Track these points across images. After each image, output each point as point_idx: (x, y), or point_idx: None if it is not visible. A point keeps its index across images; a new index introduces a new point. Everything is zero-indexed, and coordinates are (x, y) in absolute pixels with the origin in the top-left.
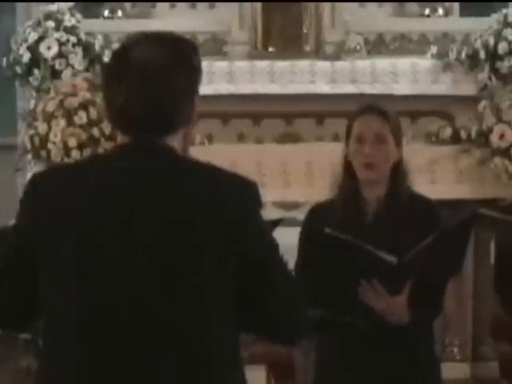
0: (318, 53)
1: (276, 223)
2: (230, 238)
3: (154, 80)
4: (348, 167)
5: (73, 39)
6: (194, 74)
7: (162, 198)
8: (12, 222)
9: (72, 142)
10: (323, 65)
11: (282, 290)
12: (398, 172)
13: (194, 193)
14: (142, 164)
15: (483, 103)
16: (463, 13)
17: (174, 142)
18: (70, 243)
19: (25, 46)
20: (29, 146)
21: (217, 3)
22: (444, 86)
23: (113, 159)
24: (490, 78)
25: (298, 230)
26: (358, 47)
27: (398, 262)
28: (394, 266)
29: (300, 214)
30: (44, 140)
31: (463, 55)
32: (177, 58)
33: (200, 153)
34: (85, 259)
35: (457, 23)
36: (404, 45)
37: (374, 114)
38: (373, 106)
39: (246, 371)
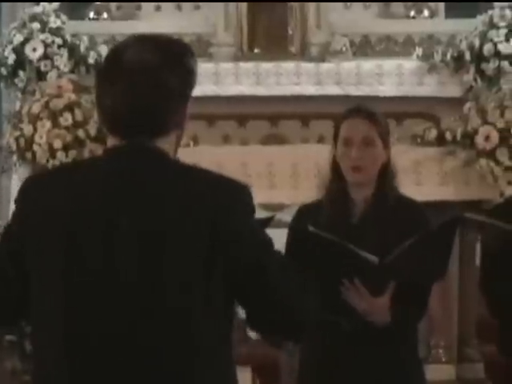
0: (304, 54)
1: (266, 222)
2: (223, 244)
3: (144, 82)
4: (336, 168)
5: (58, 41)
6: (187, 77)
7: (150, 203)
8: None
9: (57, 144)
10: (308, 66)
11: (282, 287)
12: (386, 174)
13: (183, 197)
14: (131, 167)
15: (468, 105)
16: (449, 14)
17: (166, 144)
18: (57, 247)
19: (10, 47)
20: (14, 147)
21: (202, 5)
22: (429, 87)
23: (102, 162)
24: (475, 80)
25: (283, 231)
26: (344, 49)
27: (379, 261)
28: (376, 266)
29: (286, 216)
30: (29, 141)
31: (448, 57)
32: (169, 61)
33: (185, 154)
34: (71, 264)
35: (442, 25)
36: (389, 46)
37: (361, 117)
38: (360, 109)
39: None
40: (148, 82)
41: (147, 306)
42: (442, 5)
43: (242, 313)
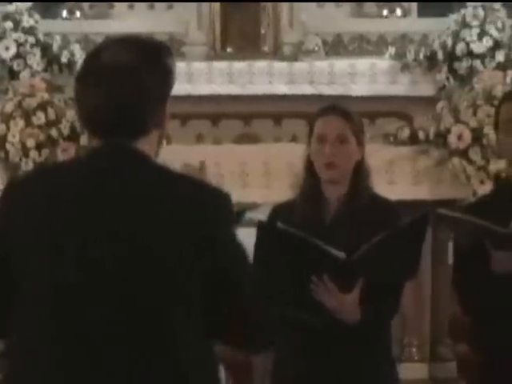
0: (276, 53)
1: (240, 214)
2: (202, 250)
3: (123, 82)
4: (310, 167)
5: (31, 40)
6: (166, 76)
7: (129, 204)
8: None
9: (30, 143)
10: (281, 65)
11: (250, 302)
12: (360, 172)
13: (164, 201)
14: (110, 168)
15: (441, 104)
16: (421, 13)
17: (146, 145)
18: (40, 249)
19: None
20: None
21: (175, 4)
22: (402, 86)
23: (82, 164)
24: (447, 79)
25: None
26: (316, 48)
27: (347, 257)
28: (344, 262)
29: (258, 215)
30: (2, 140)
31: (421, 56)
32: (147, 61)
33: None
34: (55, 266)
35: (415, 24)
36: (362, 45)
37: (335, 114)
38: (335, 107)
39: None
40: (126, 82)
41: (128, 305)
42: (414, 4)
43: None
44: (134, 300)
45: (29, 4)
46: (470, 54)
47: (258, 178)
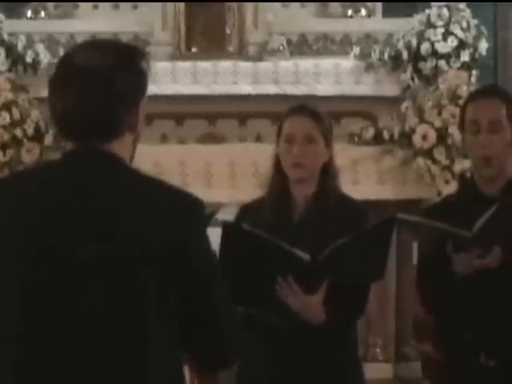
0: (241, 53)
1: (210, 217)
2: (172, 260)
3: (94, 85)
4: (278, 166)
5: None
6: (139, 78)
7: (100, 208)
8: None
9: None
10: (246, 65)
11: (218, 318)
12: (328, 172)
13: (133, 210)
14: (82, 171)
15: (406, 104)
16: (386, 14)
17: (120, 147)
18: (12, 256)
19: None
20: None
21: (139, 4)
22: (367, 86)
23: (55, 168)
24: (412, 79)
25: (219, 230)
26: (281, 48)
27: (311, 259)
28: (308, 264)
29: (223, 215)
30: None
31: (386, 56)
32: (119, 63)
33: None
34: (26, 273)
35: (379, 24)
36: (327, 45)
37: (304, 115)
38: (304, 107)
39: None
40: (97, 84)
41: (98, 313)
42: (379, 4)
43: None
44: (103, 312)
45: None
46: (435, 54)
47: (222, 178)
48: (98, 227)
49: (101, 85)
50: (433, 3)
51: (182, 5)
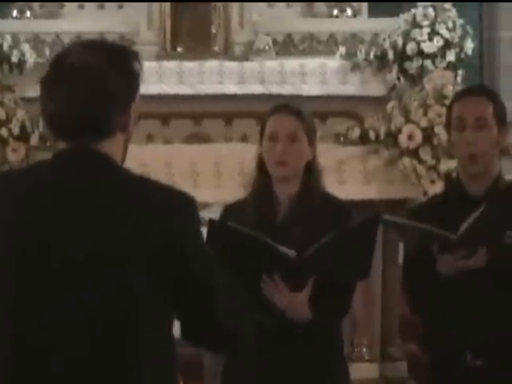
0: (227, 53)
1: None
2: (168, 259)
3: (86, 85)
4: (261, 165)
5: None
6: (130, 78)
7: (93, 210)
8: None
9: None
10: (232, 65)
11: (226, 305)
12: (311, 171)
13: (127, 210)
14: (73, 173)
15: (392, 104)
16: (372, 13)
17: (112, 147)
18: (4, 256)
19: None
20: None
21: (125, 4)
22: (352, 86)
23: (47, 168)
24: (398, 79)
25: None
26: (267, 47)
27: (297, 256)
28: (294, 261)
29: (208, 214)
30: None
31: (372, 56)
32: (111, 63)
33: None
34: (19, 273)
35: (365, 24)
36: (312, 45)
37: (287, 113)
38: (287, 105)
39: None
40: (90, 84)
41: (89, 313)
42: (365, 4)
43: None
44: (94, 311)
45: None
46: (421, 54)
47: (208, 177)
48: (90, 227)
49: (93, 85)
50: (418, 3)
51: (167, 5)
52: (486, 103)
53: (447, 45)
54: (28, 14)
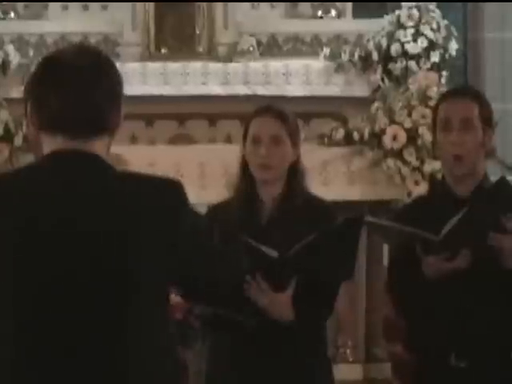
0: (211, 54)
1: None
2: (164, 247)
3: (85, 85)
4: (245, 167)
5: None
6: (119, 79)
7: (92, 209)
8: None
9: None
10: (216, 66)
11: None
12: (295, 173)
13: (124, 200)
14: (71, 173)
15: (376, 105)
16: (356, 14)
17: (100, 147)
18: (7, 258)
19: None
20: None
21: (109, 5)
22: (337, 87)
23: (41, 170)
24: (382, 80)
25: None
26: (251, 48)
27: (279, 256)
28: (276, 261)
29: None
30: None
31: (356, 57)
32: (104, 65)
33: None
34: (17, 276)
35: (349, 25)
36: (297, 46)
37: (270, 115)
38: (270, 107)
39: None
40: (88, 84)
41: (87, 299)
42: (349, 5)
43: None
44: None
45: None
46: (405, 55)
47: (192, 178)
48: (89, 225)
49: (92, 85)
50: (403, 4)
51: (151, 5)
52: (471, 105)
53: (431, 46)
54: (12, 14)
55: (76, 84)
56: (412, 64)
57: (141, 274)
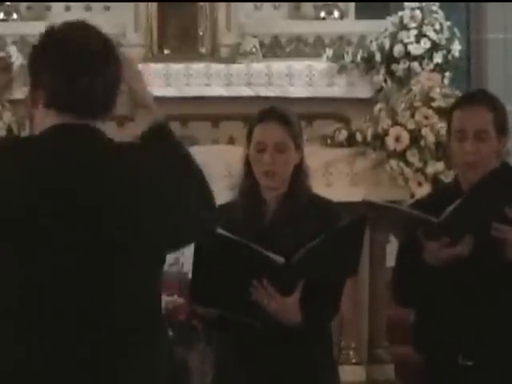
0: (214, 55)
1: None
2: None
3: (92, 66)
4: (248, 169)
5: None
6: (120, 64)
7: (95, 180)
8: None
9: None
10: (219, 67)
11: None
12: (298, 174)
13: (127, 171)
14: (76, 148)
15: (379, 106)
16: (359, 15)
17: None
18: (13, 226)
19: None
20: None
21: (112, 6)
22: (339, 88)
23: (47, 142)
24: (385, 81)
25: None
26: (254, 50)
27: (285, 262)
28: (282, 267)
29: None
30: None
31: (359, 58)
32: (110, 48)
33: None
34: (26, 245)
35: (352, 26)
36: (300, 47)
37: (274, 121)
38: (273, 112)
39: None
40: (97, 66)
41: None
42: (352, 6)
43: None
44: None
45: None
46: (408, 56)
47: None
48: (90, 194)
49: (101, 68)
50: (406, 5)
51: (154, 6)
52: (485, 113)
53: (434, 47)
54: (14, 15)
55: (76, 66)
56: (415, 65)
57: (140, 243)
